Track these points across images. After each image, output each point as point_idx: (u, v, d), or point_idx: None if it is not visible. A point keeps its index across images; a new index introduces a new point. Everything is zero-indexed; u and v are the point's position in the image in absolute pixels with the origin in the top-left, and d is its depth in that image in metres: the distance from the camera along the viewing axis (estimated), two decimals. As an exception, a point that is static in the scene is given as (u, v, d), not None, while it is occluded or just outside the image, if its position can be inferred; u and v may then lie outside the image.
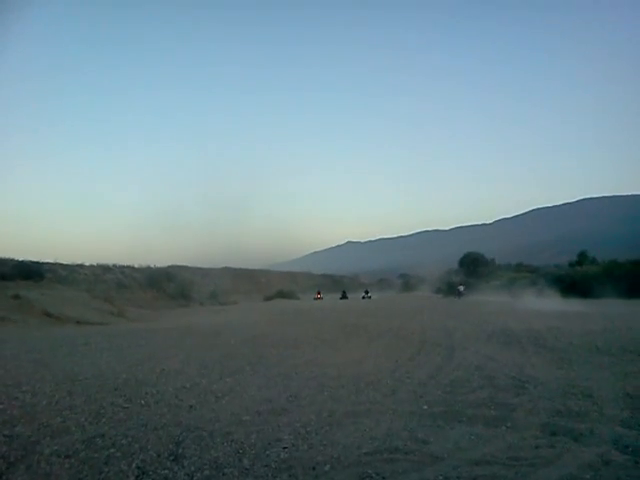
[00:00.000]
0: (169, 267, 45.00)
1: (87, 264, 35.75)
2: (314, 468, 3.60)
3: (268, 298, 42.98)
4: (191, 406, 5.25)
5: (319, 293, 47.36)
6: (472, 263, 57.74)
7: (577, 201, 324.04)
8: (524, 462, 3.63)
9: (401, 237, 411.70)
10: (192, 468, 3.57)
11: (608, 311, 17.99)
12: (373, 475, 3.45)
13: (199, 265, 55.62)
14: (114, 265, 37.92)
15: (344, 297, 45.50)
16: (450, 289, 40.23)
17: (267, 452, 3.91)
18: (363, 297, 43.91)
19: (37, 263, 29.39)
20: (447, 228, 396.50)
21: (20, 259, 28.70)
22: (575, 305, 21.88)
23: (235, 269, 62.31)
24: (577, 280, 32.61)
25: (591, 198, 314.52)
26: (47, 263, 31.18)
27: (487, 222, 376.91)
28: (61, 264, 32.92)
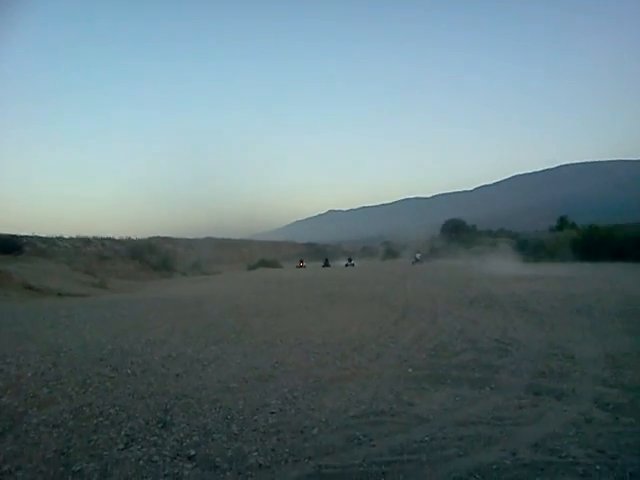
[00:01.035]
0: (151, 238, 44.58)
1: (66, 236, 34.91)
2: (302, 432, 3.63)
3: (251, 267, 42.95)
4: (178, 374, 5.24)
5: (302, 261, 47.44)
6: (454, 230, 58.70)
7: (557, 167, 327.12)
8: (508, 422, 3.71)
9: (383, 205, 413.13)
10: (181, 435, 3.57)
11: (588, 274, 18.43)
12: (360, 437, 3.49)
13: (181, 236, 55.21)
14: (94, 237, 37.13)
15: (326, 265, 45.62)
16: (428, 255, 41.25)
17: (255, 417, 3.93)
18: (346, 265, 44.08)
19: (15, 236, 28.58)
20: (429, 195, 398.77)
21: (-3, 233, 27.96)
22: (555, 269, 22.34)
23: (218, 239, 61.76)
24: (556, 245, 33.31)
25: (571, 164, 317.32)
26: (25, 236, 30.26)
27: (468, 189, 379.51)
28: (39, 237, 31.92)
